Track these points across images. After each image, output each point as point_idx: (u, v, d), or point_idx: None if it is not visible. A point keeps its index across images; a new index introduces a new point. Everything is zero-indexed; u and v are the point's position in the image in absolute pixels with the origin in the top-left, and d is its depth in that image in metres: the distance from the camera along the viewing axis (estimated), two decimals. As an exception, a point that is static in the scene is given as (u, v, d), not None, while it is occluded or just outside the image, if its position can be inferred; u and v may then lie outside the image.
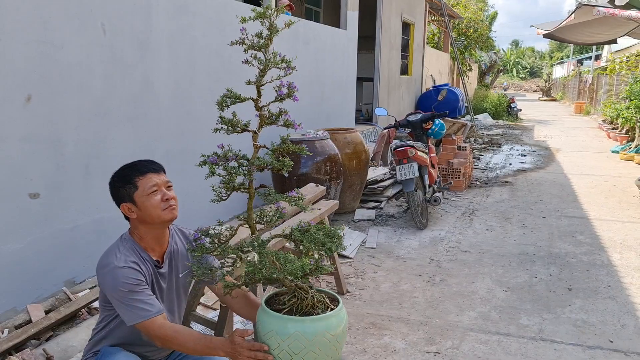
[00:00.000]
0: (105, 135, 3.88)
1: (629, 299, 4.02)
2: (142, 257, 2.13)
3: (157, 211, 2.10)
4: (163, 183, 2.15)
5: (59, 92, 3.47)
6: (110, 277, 2.02)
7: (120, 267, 2.02)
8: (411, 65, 14.48)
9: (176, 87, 4.65)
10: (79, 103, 3.63)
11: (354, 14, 9.09)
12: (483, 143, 12.87)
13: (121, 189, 2.12)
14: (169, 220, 2.15)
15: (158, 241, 2.20)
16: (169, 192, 2.15)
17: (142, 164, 2.16)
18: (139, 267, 2.07)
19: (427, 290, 4.19)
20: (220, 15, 5.16)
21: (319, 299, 2.10)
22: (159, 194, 2.11)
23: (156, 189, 2.11)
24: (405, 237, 5.50)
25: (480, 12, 24.72)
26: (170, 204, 2.13)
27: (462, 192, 7.61)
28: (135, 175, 2.11)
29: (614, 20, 8.79)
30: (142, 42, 4.21)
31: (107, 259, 2.07)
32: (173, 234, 2.30)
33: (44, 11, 3.34)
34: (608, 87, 19.83)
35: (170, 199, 2.13)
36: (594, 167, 9.99)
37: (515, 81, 59.27)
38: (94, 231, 3.76)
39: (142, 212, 2.10)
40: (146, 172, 2.12)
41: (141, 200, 2.09)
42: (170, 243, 2.26)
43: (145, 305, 2.00)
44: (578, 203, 7.08)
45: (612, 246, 5.24)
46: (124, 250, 2.09)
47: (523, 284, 4.31)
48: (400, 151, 5.60)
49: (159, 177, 2.14)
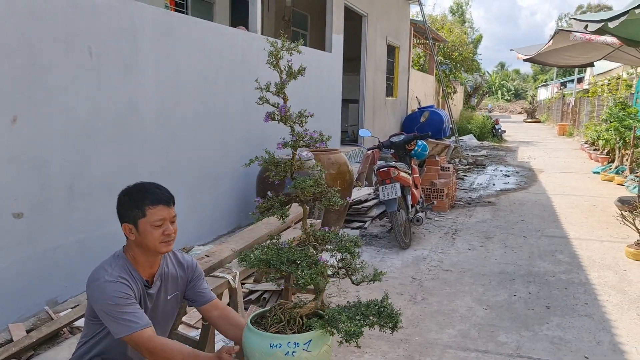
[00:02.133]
0: (90, 155, 3.93)
1: (605, 316, 4.10)
2: (133, 275, 2.18)
3: (155, 243, 2.14)
4: (169, 218, 2.18)
5: (45, 114, 3.53)
6: (100, 290, 2.06)
7: (111, 282, 2.07)
8: (396, 87, 14.71)
9: (161, 109, 4.73)
10: (64, 124, 3.69)
11: (339, 37, 9.28)
12: (467, 164, 13.03)
13: (128, 210, 2.15)
14: (163, 252, 2.21)
15: (150, 264, 2.25)
16: (172, 227, 2.18)
17: (157, 193, 2.18)
18: (128, 283, 2.12)
19: (408, 308, 4.24)
20: (206, 39, 5.27)
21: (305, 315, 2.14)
22: (163, 227, 2.15)
23: (161, 223, 2.14)
24: (388, 257, 5.56)
25: (465, 35, 25.20)
26: (169, 238, 2.17)
27: (445, 212, 7.71)
28: (147, 203, 2.13)
29: (590, 45, 9.05)
30: (128, 65, 4.29)
31: (97, 274, 2.12)
32: (165, 257, 2.35)
33: (31, 34, 3.41)
34: (590, 109, 20.22)
35: (171, 234, 2.17)
36: (576, 187, 10.17)
37: (501, 103, 60.07)
38: (78, 251, 3.78)
39: (141, 237, 2.15)
40: (158, 202, 2.15)
41: (144, 228, 2.13)
42: (161, 265, 2.31)
43: (133, 317, 2.04)
44: (559, 223, 7.21)
45: (590, 265, 5.35)
46: (116, 267, 2.14)
47: (502, 302, 4.38)
48: (382, 171, 5.70)
49: (168, 211, 2.17)
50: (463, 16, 30.14)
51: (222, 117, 5.67)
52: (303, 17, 13.34)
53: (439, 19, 25.62)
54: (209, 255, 3.20)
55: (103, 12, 3.99)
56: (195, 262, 2.47)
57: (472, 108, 31.07)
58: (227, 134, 5.80)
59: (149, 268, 2.25)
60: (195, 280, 2.43)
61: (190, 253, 4.19)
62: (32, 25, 3.43)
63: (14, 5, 3.30)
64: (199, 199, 5.39)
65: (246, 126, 6.17)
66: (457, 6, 30.44)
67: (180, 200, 5.13)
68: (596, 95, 19.48)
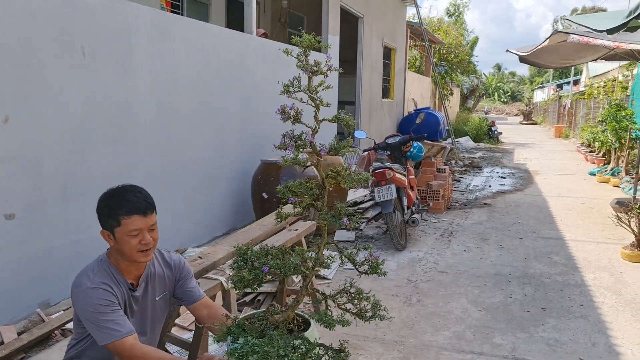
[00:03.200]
0: (85, 156, 3.90)
1: (601, 318, 4.10)
2: (117, 279, 2.15)
3: (131, 252, 2.10)
4: (147, 227, 2.11)
5: (39, 113, 3.51)
6: (82, 297, 2.04)
7: (93, 288, 2.04)
8: (393, 89, 14.71)
9: (158, 109, 4.70)
10: (59, 124, 3.67)
11: (335, 39, 9.27)
12: (464, 165, 13.04)
13: (105, 218, 2.11)
14: (141, 262, 2.16)
15: (134, 267, 2.22)
16: (150, 236, 2.12)
17: (133, 201, 2.10)
18: (111, 289, 2.09)
19: (404, 310, 4.23)
20: (202, 39, 5.25)
21: (290, 319, 2.13)
22: (139, 237, 2.09)
23: (137, 233, 2.08)
24: (383, 258, 5.53)
25: (460, 37, 25.23)
26: (147, 248, 2.12)
27: (441, 214, 7.70)
28: (121, 213, 2.07)
29: (586, 46, 9.06)
30: (123, 66, 4.27)
31: (80, 280, 2.09)
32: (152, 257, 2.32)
33: (25, 34, 3.39)
34: (586, 111, 20.26)
35: (149, 243, 2.11)
36: (571, 189, 10.17)
37: (497, 105, 60.22)
38: (71, 253, 3.76)
39: (118, 246, 2.11)
40: (133, 213, 2.08)
41: (120, 237, 2.09)
42: (147, 266, 2.28)
43: (115, 325, 2.02)
44: (555, 224, 7.21)
45: (586, 266, 5.34)
46: (98, 272, 2.11)
47: (498, 304, 4.37)
48: (378, 173, 5.68)
49: (144, 221, 2.10)
50: (460, 18, 30.15)
51: (218, 118, 5.66)
52: (299, 19, 13.33)
53: (436, 21, 25.66)
54: (202, 257, 3.18)
55: (98, 12, 3.97)
56: (182, 261, 2.44)
57: (469, 110, 31.13)
58: (223, 134, 5.78)
59: (134, 271, 2.22)
60: (183, 279, 2.41)
61: (184, 255, 4.16)
62: (26, 24, 3.40)
63: (8, 4, 3.28)
64: (195, 200, 5.37)
65: (243, 127, 6.15)
66: (455, 7, 30.44)
67: (176, 202, 5.14)
68: (592, 98, 19.52)
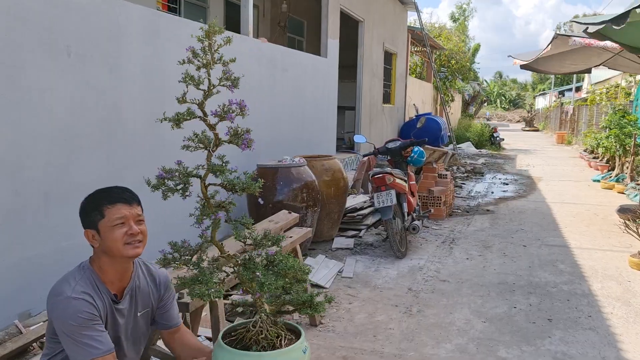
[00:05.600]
0: (70, 160, 3.74)
1: (610, 330, 3.91)
2: (99, 289, 2.00)
3: (118, 245, 1.98)
4: (133, 216, 2.02)
5: (19, 115, 3.34)
6: (61, 307, 1.88)
7: (73, 298, 1.89)
8: (394, 94, 14.57)
9: (149, 112, 4.54)
10: (42, 126, 3.50)
11: (335, 42, 9.13)
12: (465, 171, 12.88)
13: (88, 215, 2.01)
14: (130, 256, 2.03)
15: (119, 275, 2.07)
16: (137, 227, 2.02)
17: (115, 192, 2.05)
18: (93, 300, 1.94)
19: (404, 321, 4.05)
20: (195, 41, 5.09)
21: (276, 332, 2.01)
22: (125, 227, 1.99)
23: (122, 221, 1.99)
24: (383, 267, 5.37)
25: (462, 43, 25.13)
26: (135, 240, 2.00)
27: (442, 221, 7.52)
28: (104, 203, 1.99)
29: (589, 50, 8.92)
30: (113, 67, 4.11)
31: (60, 287, 1.94)
32: (137, 269, 2.17)
33: (7, 32, 3.24)
34: (588, 117, 20.12)
35: (137, 234, 2.01)
36: (575, 195, 10.00)
37: (499, 111, 60.07)
38: (54, 261, 3.58)
39: (104, 242, 1.98)
40: (116, 201, 2.01)
41: (105, 231, 1.97)
42: (132, 278, 2.13)
43: (94, 342, 1.87)
44: (559, 231, 7.03)
45: (592, 275, 5.16)
46: (80, 280, 1.96)
47: (502, 315, 4.19)
48: (377, 178, 5.52)
49: (129, 209, 2.02)
50: (464, 24, 29.97)
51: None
52: (299, 24, 13.21)
53: (437, 27, 25.55)
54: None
55: (84, 11, 3.81)
56: (169, 279, 2.28)
57: (470, 116, 30.97)
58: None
59: (118, 280, 2.06)
60: (166, 300, 2.25)
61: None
62: (6, 22, 3.25)
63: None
64: (189, 206, 5.19)
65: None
66: (462, 12, 30.20)
67: (168, 207, 4.95)
68: (594, 104, 19.37)
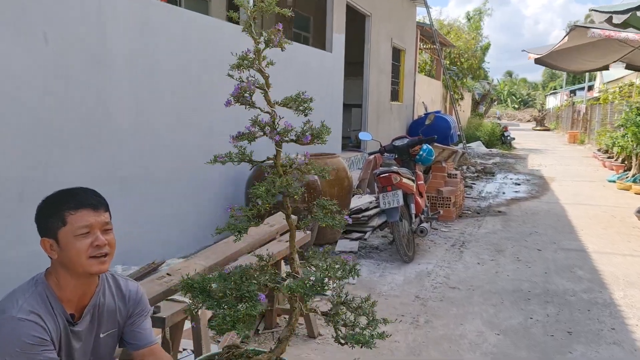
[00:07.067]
0: (48, 158, 3.45)
1: (636, 345, 3.57)
2: (53, 308, 1.69)
3: (81, 259, 1.67)
4: (99, 225, 1.71)
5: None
6: (6, 329, 1.59)
7: (19, 319, 1.59)
8: (402, 92, 14.21)
9: (136, 107, 4.26)
10: (15, 120, 3.22)
11: (340, 37, 8.81)
12: (476, 171, 12.51)
13: (46, 220, 1.69)
14: (94, 272, 1.72)
15: (80, 292, 1.76)
16: (104, 237, 1.71)
17: (80, 195, 1.73)
18: (43, 322, 1.63)
19: (410, 333, 3.73)
20: (187, 31, 4.80)
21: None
22: (90, 237, 1.68)
23: (88, 230, 1.68)
24: (389, 272, 5.05)
25: (473, 41, 24.70)
26: (102, 253, 1.70)
27: (452, 222, 7.18)
28: (67, 208, 1.68)
29: (607, 45, 8.54)
30: (96, 57, 3.82)
31: (5, 304, 1.64)
32: (103, 283, 1.86)
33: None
34: (602, 116, 19.65)
35: (103, 247, 1.70)
36: (590, 196, 9.62)
37: (509, 111, 59.42)
38: (27, 266, 3.29)
39: (64, 254, 1.68)
40: (81, 207, 1.69)
41: (66, 241, 1.66)
42: (96, 294, 1.82)
43: None
44: (575, 234, 6.67)
45: (614, 282, 4.81)
46: (30, 297, 1.66)
47: (517, 326, 3.86)
48: (383, 178, 5.19)
49: (96, 217, 1.70)
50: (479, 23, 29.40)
51: (207, 117, 5.19)
52: (305, 19, 12.90)
53: (447, 24, 25.12)
54: (172, 274, 2.70)
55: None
56: (140, 293, 1.97)
57: (480, 115, 30.51)
58: (213, 136, 5.31)
59: (77, 298, 1.76)
60: (136, 316, 1.94)
61: (160, 268, 3.69)
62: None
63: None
64: (181, 207, 4.91)
65: (236, 127, 5.66)
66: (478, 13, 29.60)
67: (159, 209, 4.67)
68: (607, 103, 18.87)
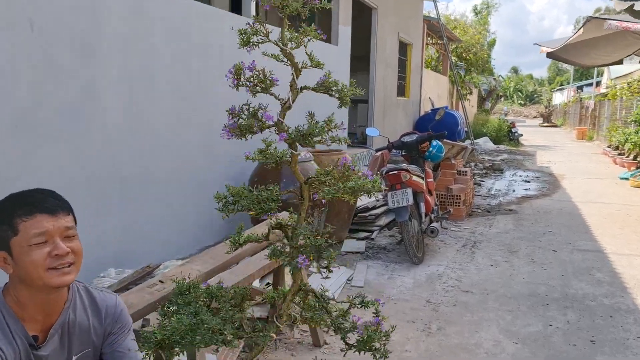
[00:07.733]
0: (29, 152, 3.22)
1: (667, 356, 3.31)
2: (11, 330, 1.45)
3: (39, 272, 1.43)
4: (58, 231, 1.46)
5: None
6: None
7: None
8: (409, 87, 13.93)
9: (130, 99, 4.02)
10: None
11: (347, 29, 8.55)
12: (484, 168, 12.24)
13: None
14: (56, 286, 1.47)
15: (44, 310, 1.52)
16: (67, 244, 1.46)
17: (34, 198, 1.48)
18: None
19: (422, 341, 3.48)
20: (186, 20, 4.55)
21: None
22: (47, 246, 1.43)
23: (44, 239, 1.43)
24: (397, 274, 4.80)
25: (479, 36, 24.36)
26: (62, 263, 1.45)
27: (462, 221, 6.92)
28: (18, 214, 1.43)
29: (621, 38, 8.24)
30: (87, 46, 3.58)
31: None
32: (73, 298, 1.60)
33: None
34: (611, 112, 19.31)
35: (65, 256, 1.45)
36: (603, 194, 9.33)
37: (515, 107, 58.96)
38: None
39: (19, 268, 1.43)
40: (36, 211, 1.44)
41: (19, 252, 1.42)
42: (65, 310, 1.56)
43: None
44: (590, 234, 6.40)
45: (636, 286, 4.54)
46: None
47: (536, 335, 3.60)
48: (392, 175, 4.93)
49: (54, 222, 1.45)
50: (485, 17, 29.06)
51: (208, 113, 4.95)
52: (310, 10, 12.62)
53: (453, 19, 24.79)
54: (164, 281, 2.46)
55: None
56: (120, 308, 1.71)
57: (486, 112, 30.18)
58: (214, 132, 5.06)
59: (42, 316, 1.51)
60: (115, 335, 1.68)
61: (157, 272, 3.46)
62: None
63: None
64: (180, 208, 4.67)
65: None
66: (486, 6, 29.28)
67: (159, 209, 4.43)
68: (616, 99, 18.53)
